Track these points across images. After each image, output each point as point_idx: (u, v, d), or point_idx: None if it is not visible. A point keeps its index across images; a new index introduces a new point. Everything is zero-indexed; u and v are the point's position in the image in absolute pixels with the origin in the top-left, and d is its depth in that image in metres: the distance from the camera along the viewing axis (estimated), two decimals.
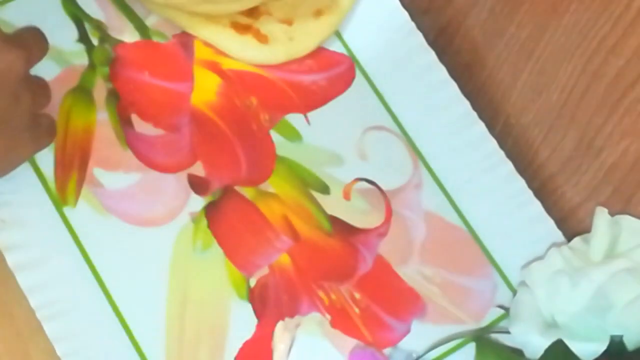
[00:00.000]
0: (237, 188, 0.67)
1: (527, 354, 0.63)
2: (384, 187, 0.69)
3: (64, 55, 0.68)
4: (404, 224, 0.68)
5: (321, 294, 0.65)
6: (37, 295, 0.60)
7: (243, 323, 0.64)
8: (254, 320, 0.64)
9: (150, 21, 0.70)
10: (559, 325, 0.64)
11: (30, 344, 0.62)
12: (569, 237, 0.67)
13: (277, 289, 0.65)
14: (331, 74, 0.71)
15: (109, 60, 0.69)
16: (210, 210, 0.66)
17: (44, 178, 0.65)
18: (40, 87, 0.65)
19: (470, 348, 0.64)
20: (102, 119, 0.67)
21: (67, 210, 0.64)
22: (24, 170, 0.64)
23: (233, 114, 0.69)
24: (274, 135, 0.69)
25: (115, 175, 0.66)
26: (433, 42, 0.73)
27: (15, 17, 0.68)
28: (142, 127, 0.67)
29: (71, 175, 0.65)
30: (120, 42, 0.69)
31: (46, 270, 0.61)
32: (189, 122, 0.68)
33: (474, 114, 0.71)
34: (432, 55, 0.72)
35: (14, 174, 0.64)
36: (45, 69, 0.67)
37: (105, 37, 0.69)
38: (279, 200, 0.67)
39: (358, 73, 0.72)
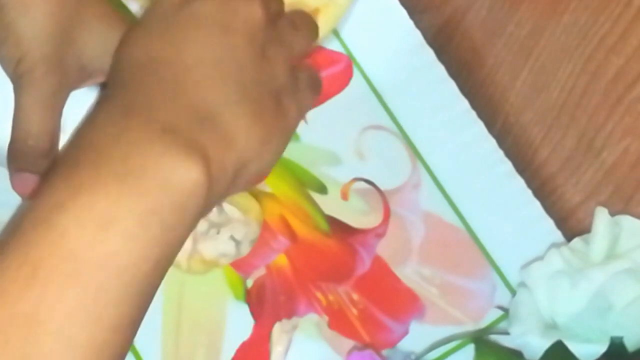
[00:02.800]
0: None
1: (526, 355, 0.63)
2: (382, 187, 0.69)
3: None
4: (402, 224, 0.68)
5: (319, 294, 0.65)
6: None
7: (240, 324, 0.64)
8: (250, 321, 0.64)
9: None
10: (558, 326, 0.64)
11: None
12: (569, 238, 0.67)
13: (274, 289, 0.65)
14: (329, 72, 0.71)
15: None
16: None
17: None
18: (294, 30, 0.54)
19: (469, 349, 0.64)
20: None
21: None
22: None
23: None
24: None
25: None
26: (432, 41, 0.72)
27: None
28: None
29: None
30: None
31: None
32: None
33: (473, 113, 0.71)
34: (430, 53, 0.72)
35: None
36: None
37: None
38: (276, 200, 0.67)
39: (356, 72, 0.72)
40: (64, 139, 0.54)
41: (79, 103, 0.55)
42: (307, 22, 0.55)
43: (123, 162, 0.42)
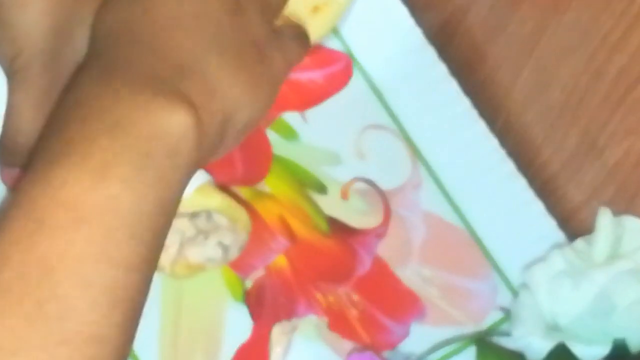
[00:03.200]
0: (232, 188, 0.66)
1: (528, 357, 0.63)
2: (382, 187, 0.69)
3: None
4: (402, 225, 0.68)
5: (318, 295, 0.65)
6: None
7: (239, 325, 0.64)
8: (250, 323, 0.64)
9: None
10: (561, 328, 0.64)
11: None
12: (571, 238, 0.67)
13: (274, 290, 0.65)
14: (329, 71, 0.71)
15: None
16: None
17: None
18: None
19: (471, 351, 0.64)
20: None
21: None
22: None
23: None
24: (270, 134, 0.68)
25: None
26: (433, 40, 0.72)
27: None
28: None
29: None
30: None
31: None
32: None
33: (475, 112, 0.71)
34: (431, 52, 0.72)
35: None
36: None
37: None
38: (275, 201, 0.66)
39: (356, 71, 0.71)
40: None
41: None
42: None
43: (110, 113, 0.43)
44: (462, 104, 0.71)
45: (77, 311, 0.40)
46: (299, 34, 0.57)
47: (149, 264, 0.43)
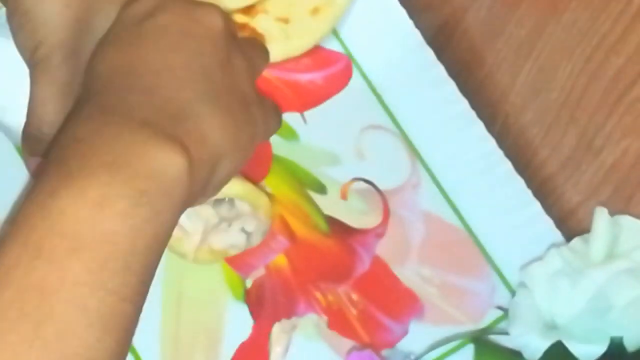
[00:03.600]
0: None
1: (526, 355, 0.63)
2: (381, 187, 0.69)
3: None
4: (401, 224, 0.68)
5: (318, 295, 0.65)
6: None
7: (239, 324, 0.64)
8: (250, 322, 0.64)
9: None
10: (558, 327, 0.64)
11: None
12: (569, 238, 0.67)
13: (274, 290, 0.65)
14: (328, 72, 0.71)
15: None
16: None
17: None
18: (253, 48, 0.58)
19: (469, 349, 0.64)
20: None
21: None
22: (20, 171, 0.64)
23: None
24: None
25: None
26: (431, 41, 0.72)
27: None
28: None
29: None
30: None
31: None
32: None
33: (473, 113, 0.71)
34: (430, 53, 0.72)
35: (9, 175, 0.64)
36: None
37: None
38: (275, 200, 0.66)
39: (355, 71, 0.72)
40: None
41: None
42: (259, 44, 0.60)
43: (108, 151, 0.44)
44: (461, 105, 0.71)
45: (74, 334, 0.41)
46: (276, 107, 0.58)
47: (140, 295, 0.44)
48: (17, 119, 0.53)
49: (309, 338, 0.64)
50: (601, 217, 0.65)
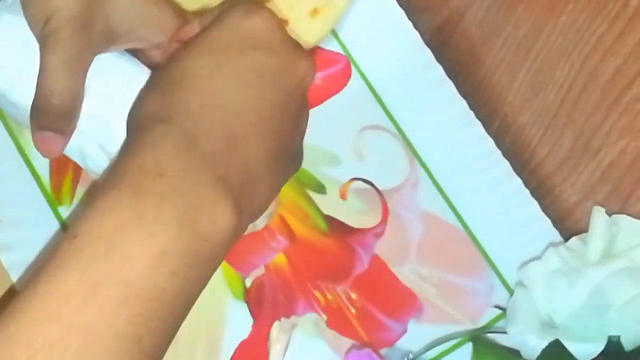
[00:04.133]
0: None
1: (524, 354, 0.63)
2: (380, 187, 0.69)
3: None
4: (400, 224, 0.68)
5: (317, 294, 0.65)
6: None
7: (239, 323, 0.64)
8: (250, 321, 0.64)
9: None
10: (556, 326, 0.64)
11: None
12: (567, 237, 0.67)
13: (274, 289, 0.65)
14: (327, 73, 0.71)
15: None
16: None
17: (40, 178, 0.65)
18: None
19: (467, 348, 0.64)
20: None
21: (62, 210, 0.64)
22: (20, 170, 0.64)
23: None
24: None
25: None
26: (430, 42, 0.73)
27: None
28: None
29: (66, 175, 0.65)
30: None
31: None
32: None
33: (471, 114, 0.71)
34: (429, 54, 0.72)
35: (10, 174, 0.64)
36: None
37: None
38: (275, 200, 0.66)
39: (354, 72, 0.72)
40: (87, 103, 0.54)
41: (103, 68, 0.55)
42: None
43: (184, 201, 0.45)
44: (459, 106, 0.71)
45: None
46: (302, 152, 0.58)
47: (162, 354, 0.45)
48: (26, 98, 0.53)
49: (308, 337, 0.64)
50: (599, 217, 0.65)
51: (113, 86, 0.54)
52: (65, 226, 0.64)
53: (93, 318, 0.42)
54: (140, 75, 0.55)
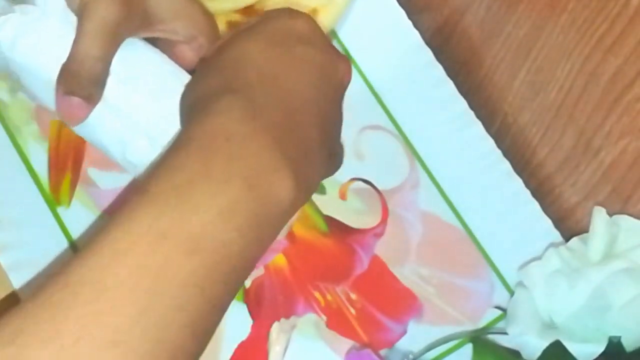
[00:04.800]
0: None
1: (524, 355, 0.63)
2: (380, 187, 0.69)
3: None
4: (400, 224, 0.68)
5: (317, 294, 0.65)
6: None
7: (238, 324, 0.64)
8: (249, 321, 0.64)
9: None
10: (556, 326, 0.64)
11: None
12: (567, 237, 0.67)
13: (273, 289, 0.65)
14: None
15: None
16: None
17: (38, 178, 0.65)
18: None
19: (467, 349, 0.64)
20: None
21: (60, 210, 0.64)
22: (18, 171, 0.64)
23: None
24: None
25: (110, 175, 0.66)
26: (430, 41, 0.73)
27: None
28: None
29: (65, 176, 0.65)
30: None
31: (40, 271, 0.61)
32: None
33: (471, 113, 0.71)
34: (429, 53, 0.72)
35: (8, 174, 0.64)
36: None
37: None
38: None
39: (354, 72, 0.71)
40: (110, 84, 0.53)
41: (149, 63, 0.55)
42: None
43: (250, 163, 0.46)
44: (459, 105, 0.71)
45: (170, 326, 0.43)
46: (342, 151, 0.60)
47: (225, 306, 0.47)
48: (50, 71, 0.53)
49: (308, 337, 0.64)
50: (599, 217, 0.65)
51: (158, 80, 0.54)
52: (63, 226, 0.64)
53: (160, 263, 0.43)
54: (181, 73, 0.55)
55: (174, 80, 0.54)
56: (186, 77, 0.55)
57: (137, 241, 0.43)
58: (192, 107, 0.51)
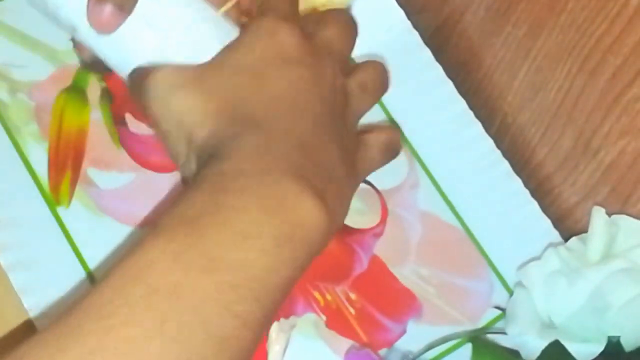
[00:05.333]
0: None
1: (523, 355, 0.63)
2: (379, 187, 0.69)
3: (57, 55, 0.68)
4: (399, 224, 0.68)
5: (316, 294, 0.65)
6: (30, 296, 0.60)
7: None
8: None
9: None
10: (555, 326, 0.64)
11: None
12: (566, 237, 0.67)
13: None
14: None
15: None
16: None
17: (38, 178, 0.65)
18: (359, 98, 0.56)
19: (467, 349, 0.64)
20: (96, 119, 0.67)
21: (60, 210, 0.64)
22: (18, 171, 0.64)
23: None
24: None
25: (109, 175, 0.66)
26: (429, 41, 0.73)
27: (8, 16, 0.68)
28: (136, 126, 0.67)
29: (65, 175, 0.65)
30: None
31: (39, 271, 0.61)
32: None
33: (471, 114, 0.71)
34: (428, 54, 0.72)
35: (7, 174, 0.64)
36: (38, 69, 0.67)
37: None
38: None
39: None
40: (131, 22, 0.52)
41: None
42: (374, 79, 0.57)
43: (265, 193, 0.46)
44: (459, 105, 0.71)
45: (191, 342, 0.42)
46: (386, 143, 0.58)
47: (261, 328, 0.46)
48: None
49: (307, 337, 0.64)
50: (598, 217, 0.65)
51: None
52: (63, 226, 0.64)
53: (176, 282, 0.43)
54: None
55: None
56: None
57: (150, 265, 0.43)
58: (199, 157, 0.51)
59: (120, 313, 0.42)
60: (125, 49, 0.52)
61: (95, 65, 0.56)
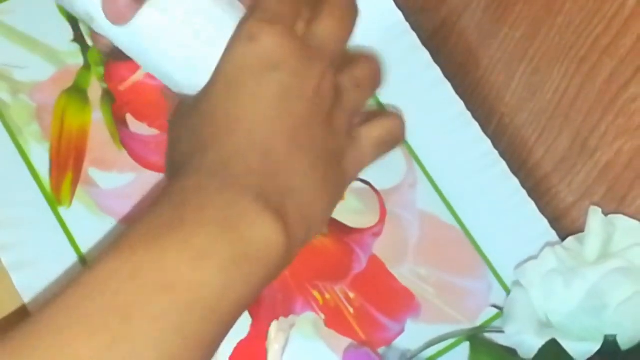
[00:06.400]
0: None
1: (521, 353, 0.63)
2: (378, 187, 0.69)
3: (59, 56, 0.68)
4: (398, 224, 0.68)
5: (315, 293, 0.65)
6: (31, 295, 0.60)
7: (237, 323, 0.63)
8: (248, 320, 0.64)
9: None
10: (552, 325, 0.64)
11: None
12: (563, 237, 0.67)
13: (272, 288, 0.65)
14: None
15: (104, 61, 0.68)
16: None
17: (39, 178, 0.65)
18: (354, 94, 0.55)
19: (464, 347, 0.64)
20: (97, 119, 0.67)
21: (62, 210, 0.64)
22: (20, 171, 0.64)
23: None
24: None
25: (110, 175, 0.66)
26: (427, 42, 0.73)
27: (9, 17, 0.68)
28: (136, 127, 0.67)
29: (66, 175, 0.65)
30: None
31: (41, 270, 0.61)
32: None
33: (468, 114, 0.71)
34: (426, 55, 0.72)
35: (10, 174, 0.64)
36: (39, 69, 0.67)
37: None
38: None
39: None
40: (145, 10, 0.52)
41: None
42: (369, 75, 0.56)
43: (223, 210, 0.46)
44: (456, 106, 0.71)
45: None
46: (379, 136, 0.57)
47: (210, 349, 0.46)
48: None
49: (306, 336, 0.64)
50: (595, 217, 0.65)
51: None
52: (64, 226, 0.64)
53: (130, 301, 0.43)
54: None
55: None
56: None
57: (106, 282, 0.43)
58: (169, 170, 0.52)
59: (73, 332, 0.42)
60: (141, 38, 0.52)
61: (114, 55, 0.56)
